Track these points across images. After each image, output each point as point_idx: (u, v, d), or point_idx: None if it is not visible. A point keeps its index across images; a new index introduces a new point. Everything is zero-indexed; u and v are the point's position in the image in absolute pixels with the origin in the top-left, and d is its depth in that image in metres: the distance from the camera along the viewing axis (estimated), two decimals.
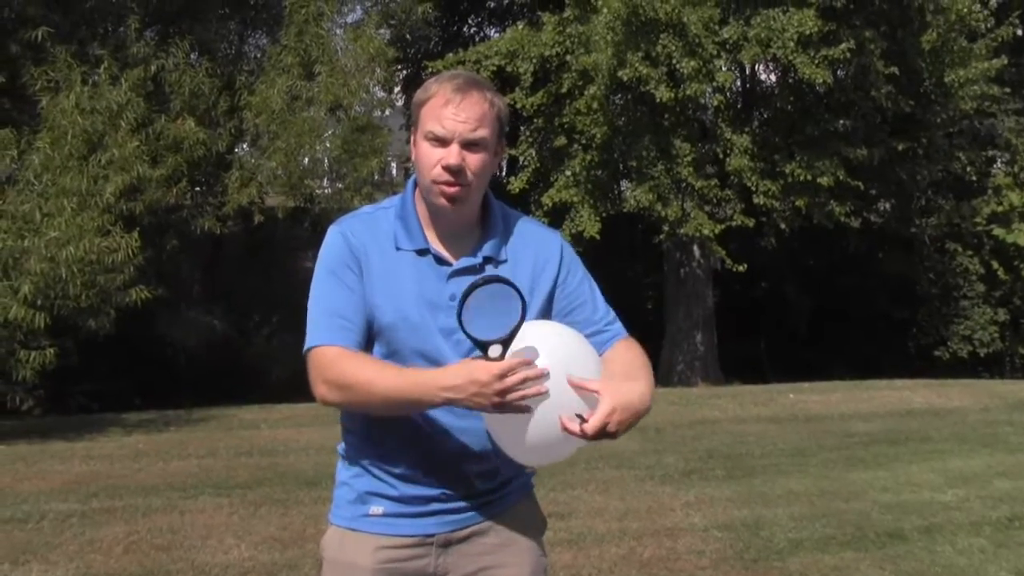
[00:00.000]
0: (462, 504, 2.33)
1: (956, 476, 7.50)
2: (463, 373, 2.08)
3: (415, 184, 2.36)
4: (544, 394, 2.07)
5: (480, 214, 2.35)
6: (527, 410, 2.08)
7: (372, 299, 2.26)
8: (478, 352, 2.10)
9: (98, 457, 8.16)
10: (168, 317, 14.22)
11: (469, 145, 2.23)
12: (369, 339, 2.28)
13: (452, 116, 2.22)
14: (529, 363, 2.07)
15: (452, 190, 2.25)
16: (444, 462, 2.27)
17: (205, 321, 16.42)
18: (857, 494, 6.97)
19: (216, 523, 6.11)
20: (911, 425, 9.71)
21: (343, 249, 2.29)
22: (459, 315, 2.07)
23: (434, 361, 2.24)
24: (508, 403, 2.06)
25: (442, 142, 2.22)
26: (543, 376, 2.07)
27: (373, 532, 2.32)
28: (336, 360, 2.21)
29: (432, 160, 2.23)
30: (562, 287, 2.38)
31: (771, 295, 20.91)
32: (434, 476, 2.29)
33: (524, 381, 2.05)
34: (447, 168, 2.22)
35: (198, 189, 14.73)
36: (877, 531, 6.06)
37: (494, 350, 2.08)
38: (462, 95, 2.23)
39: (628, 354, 2.35)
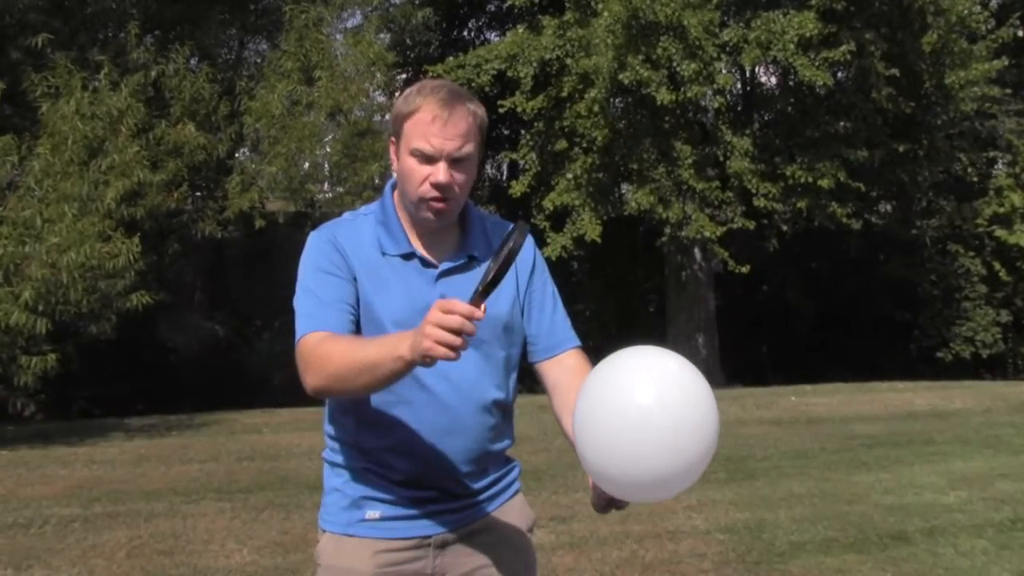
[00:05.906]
0: (457, 504, 2.34)
1: (958, 478, 7.49)
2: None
3: (393, 189, 2.37)
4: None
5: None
6: (453, 357, 1.89)
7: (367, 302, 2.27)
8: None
9: (100, 462, 8.17)
10: (170, 322, 14.24)
11: (456, 162, 2.22)
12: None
13: (439, 134, 2.19)
14: (473, 311, 1.88)
15: (440, 206, 2.24)
16: (438, 463, 2.27)
17: (207, 326, 16.43)
18: (859, 496, 6.96)
19: (218, 527, 6.11)
20: (913, 427, 9.70)
21: (330, 251, 2.27)
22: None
23: None
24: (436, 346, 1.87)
25: (429, 159, 2.20)
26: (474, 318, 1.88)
27: (370, 536, 2.32)
28: (319, 342, 2.14)
29: (419, 177, 2.22)
30: (530, 286, 2.40)
31: (772, 298, 20.90)
32: (429, 477, 2.29)
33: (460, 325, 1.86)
34: (436, 186, 2.21)
35: (199, 194, 14.75)
36: (879, 533, 6.05)
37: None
38: (448, 111, 2.20)
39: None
